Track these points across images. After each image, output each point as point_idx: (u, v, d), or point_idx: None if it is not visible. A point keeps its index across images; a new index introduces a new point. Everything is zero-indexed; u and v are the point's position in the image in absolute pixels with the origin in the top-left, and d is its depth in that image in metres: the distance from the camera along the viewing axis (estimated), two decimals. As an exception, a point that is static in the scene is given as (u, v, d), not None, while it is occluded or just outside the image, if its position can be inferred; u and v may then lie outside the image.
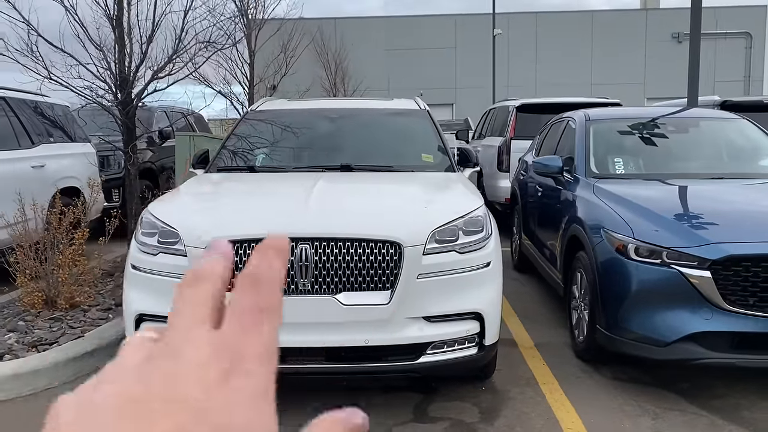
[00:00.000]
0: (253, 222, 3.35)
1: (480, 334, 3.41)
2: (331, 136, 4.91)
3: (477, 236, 3.49)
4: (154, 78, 6.06)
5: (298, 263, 3.17)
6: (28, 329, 4.45)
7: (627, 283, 3.74)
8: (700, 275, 3.48)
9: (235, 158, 4.75)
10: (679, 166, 4.94)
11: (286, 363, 3.27)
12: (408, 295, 3.24)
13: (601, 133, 5.22)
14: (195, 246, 3.24)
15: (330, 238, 3.20)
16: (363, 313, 3.21)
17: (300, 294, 3.20)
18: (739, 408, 3.61)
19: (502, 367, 4.22)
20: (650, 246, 3.67)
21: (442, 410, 3.58)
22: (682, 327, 3.54)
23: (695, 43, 7.96)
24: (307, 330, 3.21)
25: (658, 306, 3.62)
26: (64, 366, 3.99)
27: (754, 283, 3.44)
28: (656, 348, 3.62)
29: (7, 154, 6.09)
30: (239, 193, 3.98)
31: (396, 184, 4.02)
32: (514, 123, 8.70)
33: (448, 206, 3.58)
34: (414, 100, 5.48)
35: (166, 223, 3.41)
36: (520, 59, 40.36)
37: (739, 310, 3.45)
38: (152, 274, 3.37)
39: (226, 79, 10.56)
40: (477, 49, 37.88)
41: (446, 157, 4.73)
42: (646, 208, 3.99)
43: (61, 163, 6.89)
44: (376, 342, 3.23)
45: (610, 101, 8.94)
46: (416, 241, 3.27)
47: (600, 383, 3.98)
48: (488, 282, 3.48)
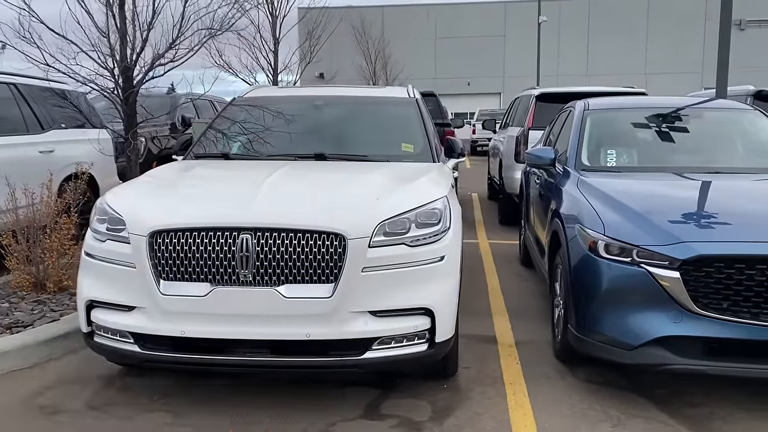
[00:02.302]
0: (197, 210, 3.31)
1: (431, 330, 3.29)
2: (312, 124, 4.84)
3: (431, 229, 3.36)
4: (154, 65, 6.10)
5: (239, 254, 3.12)
6: (9, 311, 4.54)
7: (596, 281, 3.55)
8: (668, 276, 3.26)
9: (214, 145, 4.73)
10: (678, 159, 4.67)
11: (233, 355, 3.24)
12: (352, 289, 3.14)
13: (597, 124, 4.98)
14: (137, 234, 3.22)
15: (272, 229, 3.13)
16: (305, 306, 3.13)
17: (242, 285, 3.14)
18: (712, 418, 3.39)
19: (473, 365, 4.10)
20: (620, 243, 3.46)
21: (394, 407, 3.48)
22: (649, 330, 3.33)
23: (725, 27, 7.53)
24: (250, 322, 3.16)
25: (626, 307, 3.42)
26: (34, 348, 4.06)
27: (727, 285, 3.20)
28: (623, 351, 3.42)
29: (12, 138, 6.24)
30: (197, 180, 3.95)
31: (360, 174, 3.91)
32: (533, 113, 8.44)
33: (404, 197, 3.45)
34: (406, 89, 5.34)
35: (114, 209, 3.41)
36: (570, 47, 39.39)
37: (711, 314, 3.23)
38: (102, 261, 3.37)
39: (249, 67, 10.60)
40: (526, 37, 37.01)
41: (428, 146, 4.59)
42: (623, 203, 3.77)
43: (72, 149, 7.03)
44: (318, 336, 3.15)
45: (636, 91, 8.57)
46: (361, 233, 3.16)
47: (571, 385, 3.80)
48: (441, 277, 3.35)
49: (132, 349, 3.30)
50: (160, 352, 3.27)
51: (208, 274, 3.15)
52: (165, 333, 3.20)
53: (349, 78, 23.94)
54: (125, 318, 3.28)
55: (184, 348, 3.23)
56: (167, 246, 3.17)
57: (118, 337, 3.33)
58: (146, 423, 3.30)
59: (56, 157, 6.76)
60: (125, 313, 3.29)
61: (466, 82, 39.57)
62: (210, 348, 3.22)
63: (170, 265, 3.18)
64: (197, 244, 3.15)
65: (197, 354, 3.23)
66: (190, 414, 3.40)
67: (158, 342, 3.26)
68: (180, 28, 6.15)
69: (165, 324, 3.19)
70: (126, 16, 6.03)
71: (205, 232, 3.15)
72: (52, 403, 3.53)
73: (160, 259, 3.19)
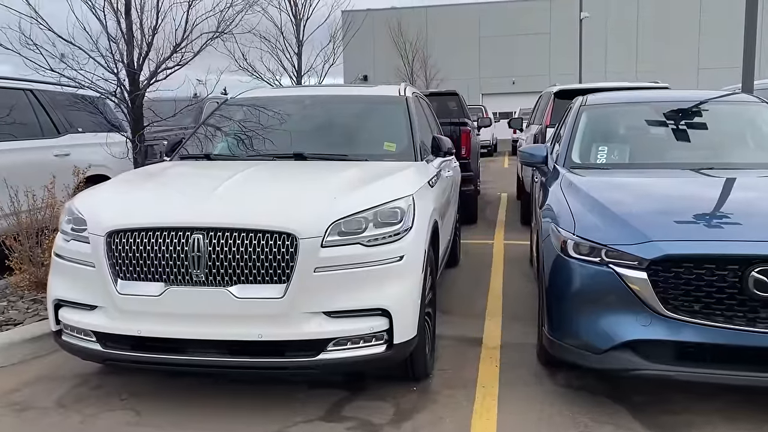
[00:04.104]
0: (153, 211, 3.33)
1: (389, 331, 3.22)
2: (298, 123, 4.82)
3: (390, 228, 3.29)
4: (158, 69, 6.21)
5: (192, 254, 3.12)
6: (5, 310, 4.68)
7: (566, 282, 3.41)
8: (636, 277, 3.11)
9: (200, 146, 4.77)
10: (673, 155, 4.46)
11: (189, 354, 3.25)
12: (305, 290, 3.11)
13: (593, 120, 4.81)
14: (96, 234, 3.26)
15: (223, 228, 3.13)
16: (256, 306, 3.11)
17: (194, 285, 3.14)
18: (691, 427, 3.21)
19: (450, 367, 4.01)
20: (590, 243, 3.31)
21: (357, 409, 3.42)
22: (617, 334, 3.18)
23: (751, 19, 7.19)
24: (203, 322, 3.16)
25: (596, 310, 3.27)
26: (20, 345, 4.17)
27: (697, 287, 3.03)
28: (591, 355, 3.28)
29: (27, 143, 6.45)
30: (164, 181, 3.97)
31: (326, 174, 3.86)
32: (551, 110, 8.24)
33: (363, 196, 3.39)
34: (398, 87, 5.27)
35: (78, 210, 3.47)
36: (618, 43, 38.41)
37: (682, 317, 3.06)
38: (67, 261, 3.44)
39: (271, 69, 10.70)
40: (572, 33, 36.25)
41: (411, 145, 4.51)
42: (599, 201, 3.61)
43: (88, 152, 7.20)
44: (271, 337, 3.12)
45: (659, 86, 8.26)
46: (313, 232, 3.12)
47: (546, 390, 3.67)
48: (400, 277, 3.28)
49: (94, 347, 3.35)
50: (121, 351, 3.31)
51: (163, 273, 3.17)
52: (123, 332, 3.24)
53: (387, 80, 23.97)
54: (88, 317, 3.33)
55: (142, 347, 3.26)
56: (123, 246, 3.21)
57: (83, 335, 3.38)
58: (108, 421, 3.34)
59: (72, 160, 6.93)
60: (88, 312, 3.34)
61: (510, 80, 39.06)
62: (167, 348, 3.24)
63: (126, 265, 3.21)
64: (152, 244, 3.17)
65: (155, 353, 3.25)
66: (154, 414, 3.42)
67: (118, 341, 3.29)
68: (184, 32, 6.25)
69: (123, 323, 3.23)
70: (132, 22, 6.17)
71: (159, 232, 3.17)
72: (25, 399, 3.61)
73: (117, 258, 3.22)
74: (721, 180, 3.87)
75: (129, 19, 6.14)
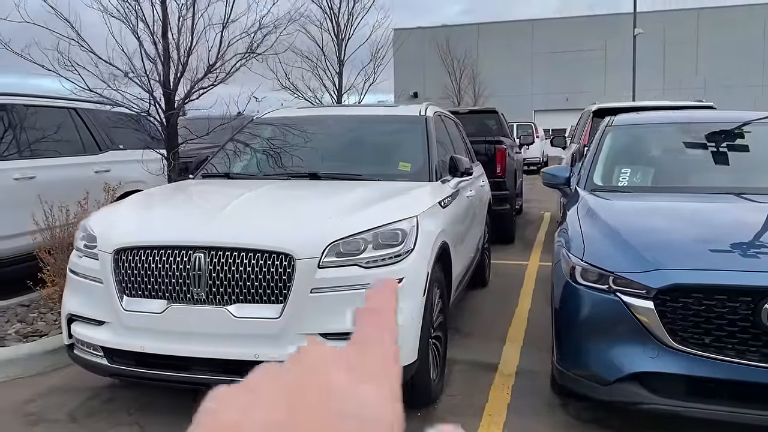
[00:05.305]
0: (159, 229, 3.40)
1: (387, 355, 3.17)
2: (315, 143, 4.85)
3: (390, 250, 3.26)
4: (193, 90, 6.37)
5: (193, 272, 3.16)
6: (34, 321, 4.84)
7: (574, 310, 3.31)
8: (643, 306, 2.98)
9: (223, 165, 4.85)
10: (697, 179, 4.28)
11: (190, 372, 3.28)
12: (301, 310, 3.10)
13: (617, 141, 4.67)
14: (105, 251, 3.35)
15: (224, 248, 3.16)
16: (253, 326, 3.12)
17: (195, 303, 3.18)
18: (702, 466, 3.05)
19: (460, 393, 3.93)
20: (598, 270, 3.20)
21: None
22: (624, 365, 3.06)
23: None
24: (203, 340, 3.19)
25: (603, 339, 3.16)
26: (40, 357, 4.29)
27: (707, 319, 2.88)
28: (599, 387, 3.16)
29: (69, 159, 6.70)
30: (178, 200, 4.04)
31: (336, 193, 3.86)
32: (589, 129, 8.05)
33: (363, 217, 3.37)
34: (420, 107, 5.25)
35: (91, 228, 3.56)
36: (677, 60, 37.41)
37: (691, 350, 2.91)
38: (80, 277, 3.53)
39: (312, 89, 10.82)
40: (628, 50, 35.54)
41: (426, 165, 4.48)
42: (612, 226, 3.49)
43: (128, 169, 7.43)
44: (267, 357, 3.11)
45: (703, 105, 7.97)
46: (310, 253, 3.12)
47: (556, 422, 3.55)
48: (399, 300, 3.22)
49: (102, 362, 3.42)
50: (126, 366, 3.37)
51: (165, 291, 3.22)
52: (127, 348, 3.30)
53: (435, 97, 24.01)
54: (96, 332, 3.41)
55: (145, 363, 3.31)
56: (130, 263, 3.27)
57: (92, 350, 3.46)
58: (112, 436, 3.40)
59: (112, 177, 7.16)
60: (96, 327, 3.41)
61: (564, 97, 38.49)
62: (167, 364, 3.28)
63: (132, 282, 3.28)
64: (156, 261, 3.23)
65: (157, 370, 3.30)
66: (157, 429, 3.46)
67: (123, 356, 3.35)
68: (218, 53, 6.39)
69: (127, 339, 3.29)
70: (169, 43, 6.36)
71: (163, 251, 3.23)
72: (38, 411, 3.71)
73: (123, 275, 3.29)
74: (739, 206, 3.69)
75: (166, 41, 6.33)
